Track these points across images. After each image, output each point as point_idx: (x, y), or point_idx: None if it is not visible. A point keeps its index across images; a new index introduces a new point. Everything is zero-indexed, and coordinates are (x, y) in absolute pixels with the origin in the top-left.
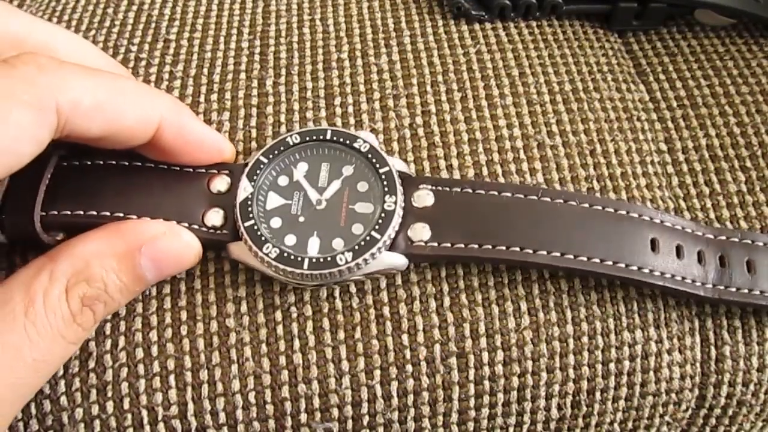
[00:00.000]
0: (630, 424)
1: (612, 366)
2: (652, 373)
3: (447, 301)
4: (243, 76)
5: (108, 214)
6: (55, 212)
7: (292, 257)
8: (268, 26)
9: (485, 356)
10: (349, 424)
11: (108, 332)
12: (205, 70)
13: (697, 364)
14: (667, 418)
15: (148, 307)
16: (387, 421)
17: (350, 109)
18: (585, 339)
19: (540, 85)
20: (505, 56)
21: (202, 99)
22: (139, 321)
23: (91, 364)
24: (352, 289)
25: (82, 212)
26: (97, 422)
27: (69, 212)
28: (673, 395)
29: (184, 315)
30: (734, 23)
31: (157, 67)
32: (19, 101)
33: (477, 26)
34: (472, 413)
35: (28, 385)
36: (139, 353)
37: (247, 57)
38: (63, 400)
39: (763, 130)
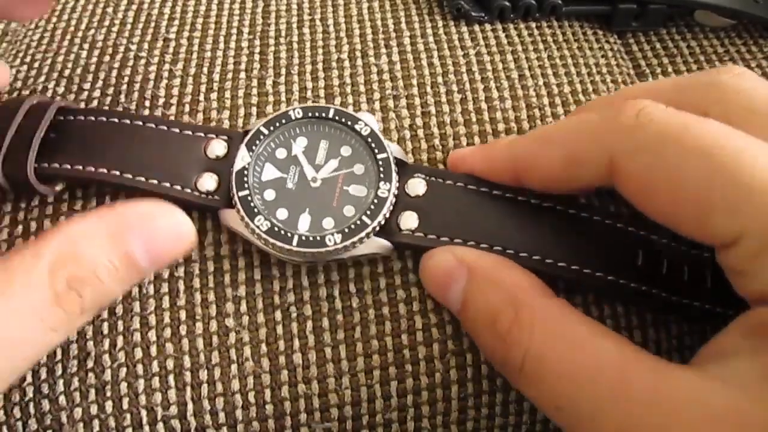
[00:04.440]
0: None
1: None
2: None
3: None
4: (243, 75)
5: (105, 171)
6: (56, 165)
7: (282, 232)
8: (268, 26)
9: (484, 355)
10: (349, 424)
11: (106, 332)
12: (205, 69)
13: None
14: None
15: (147, 306)
16: (387, 421)
17: (350, 109)
18: None
19: (539, 88)
20: (505, 58)
21: (201, 98)
22: (138, 320)
23: (90, 364)
24: (352, 289)
25: (81, 167)
26: (96, 422)
27: (69, 166)
28: None
29: (183, 314)
30: (734, 24)
31: (156, 66)
32: None
33: (477, 27)
34: (472, 413)
35: (5, 368)
36: (138, 353)
37: (247, 56)
38: (62, 399)
39: None
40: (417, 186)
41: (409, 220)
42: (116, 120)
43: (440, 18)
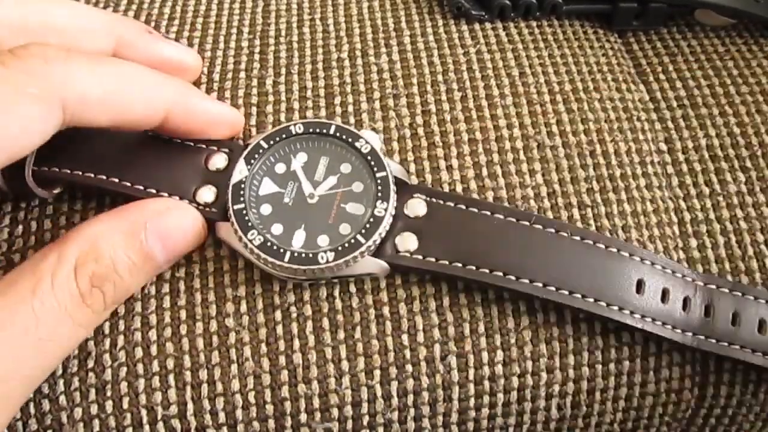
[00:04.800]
0: (630, 424)
1: (612, 366)
2: (651, 373)
3: (446, 301)
4: (243, 75)
5: (104, 177)
6: (56, 169)
7: (275, 248)
8: (268, 25)
9: (485, 356)
10: (349, 424)
11: (107, 331)
12: (205, 69)
13: (697, 364)
14: (667, 418)
15: (147, 306)
16: (387, 421)
17: (350, 108)
18: (585, 339)
19: (540, 85)
20: (505, 56)
21: None
22: (138, 320)
23: (90, 364)
24: (352, 288)
25: (80, 172)
26: (96, 422)
27: (68, 170)
28: (673, 395)
29: (183, 314)
30: (734, 23)
31: None
32: (27, 95)
33: (477, 26)
34: (472, 413)
35: (36, 366)
36: (138, 352)
37: (247, 56)
38: (62, 399)
39: (763, 130)
40: (417, 207)
41: (407, 242)
42: None
43: (440, 17)
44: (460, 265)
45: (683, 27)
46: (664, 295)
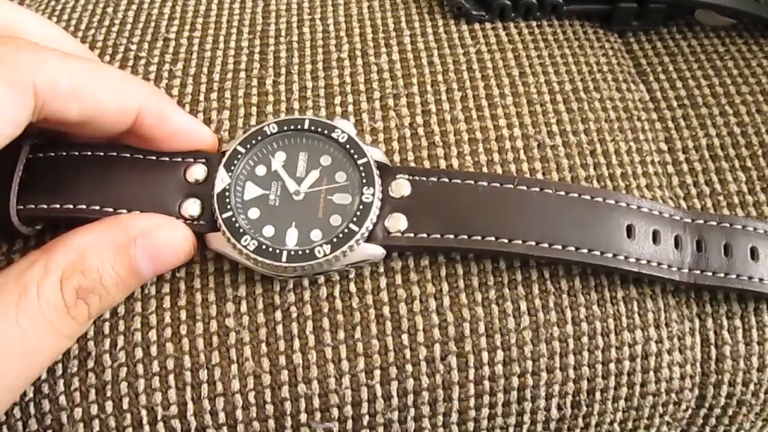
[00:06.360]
0: (630, 424)
1: (612, 366)
2: (652, 373)
3: (447, 301)
4: (243, 75)
5: (84, 207)
6: (32, 206)
7: (271, 249)
8: (268, 25)
9: (485, 356)
10: (349, 424)
11: (107, 332)
12: (205, 69)
13: (697, 364)
14: (667, 418)
15: (148, 306)
16: (387, 421)
17: (350, 108)
18: (585, 339)
19: (540, 85)
20: (505, 56)
21: (201, 98)
22: (139, 320)
23: (90, 364)
24: (352, 288)
25: (58, 205)
26: (96, 422)
27: (45, 206)
28: (673, 395)
29: (183, 314)
30: (734, 23)
31: (156, 66)
32: None
33: (477, 26)
34: (472, 413)
35: (19, 377)
36: (139, 353)
37: (247, 56)
38: (62, 399)
39: (763, 130)
40: (402, 187)
41: (398, 222)
42: (89, 153)
43: (440, 17)
44: (452, 236)
45: (683, 27)
46: (655, 236)
